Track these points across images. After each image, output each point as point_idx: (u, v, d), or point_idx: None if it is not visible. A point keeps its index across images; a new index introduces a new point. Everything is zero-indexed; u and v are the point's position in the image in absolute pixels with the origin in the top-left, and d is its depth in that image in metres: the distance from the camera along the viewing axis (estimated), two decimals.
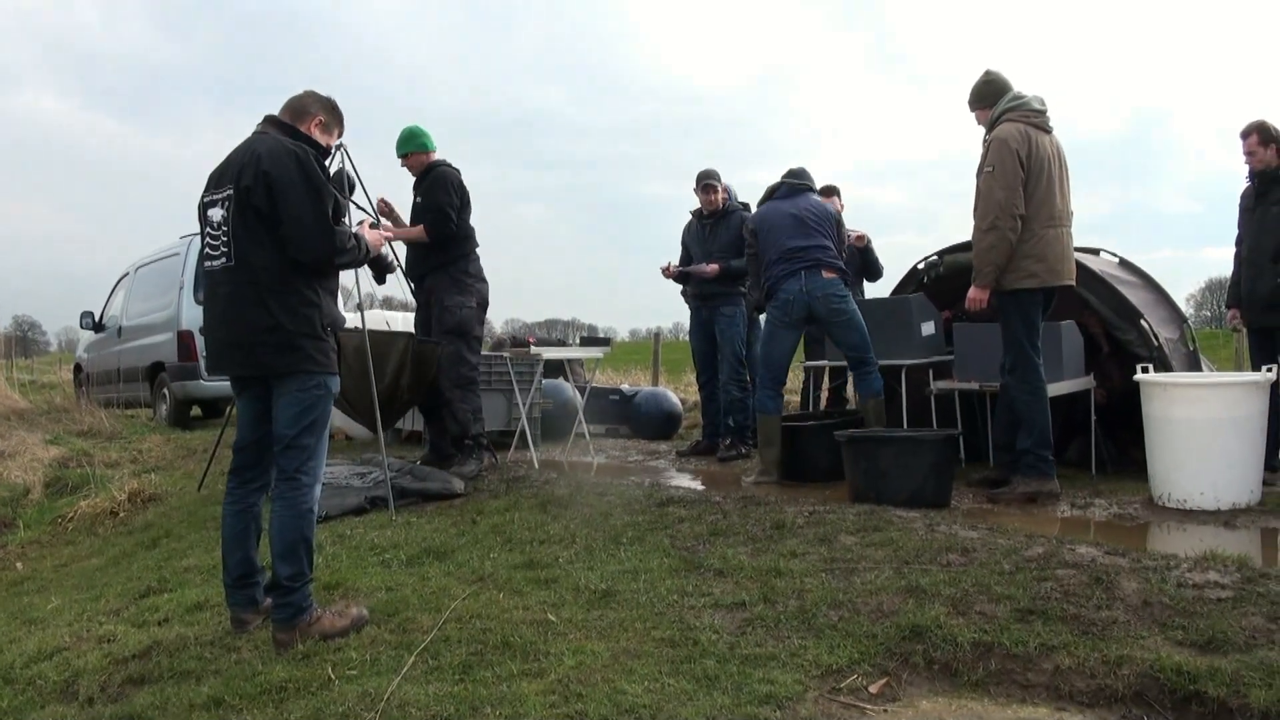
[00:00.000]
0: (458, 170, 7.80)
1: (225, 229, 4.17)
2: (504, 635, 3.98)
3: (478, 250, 7.93)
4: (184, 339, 12.35)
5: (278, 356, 4.12)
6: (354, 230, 4.47)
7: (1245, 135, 7.16)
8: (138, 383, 13.74)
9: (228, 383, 4.63)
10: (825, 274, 7.18)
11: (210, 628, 4.42)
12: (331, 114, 4.54)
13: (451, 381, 7.60)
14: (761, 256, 7.44)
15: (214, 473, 8.08)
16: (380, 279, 4.53)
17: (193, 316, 12.16)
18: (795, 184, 7.56)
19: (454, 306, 7.61)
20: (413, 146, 7.81)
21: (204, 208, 4.32)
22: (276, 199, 4.07)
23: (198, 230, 4.48)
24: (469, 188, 7.79)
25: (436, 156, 7.85)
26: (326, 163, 4.53)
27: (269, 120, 4.42)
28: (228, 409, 9.18)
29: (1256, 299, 7.15)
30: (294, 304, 4.14)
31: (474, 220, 7.82)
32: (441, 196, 7.58)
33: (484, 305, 7.91)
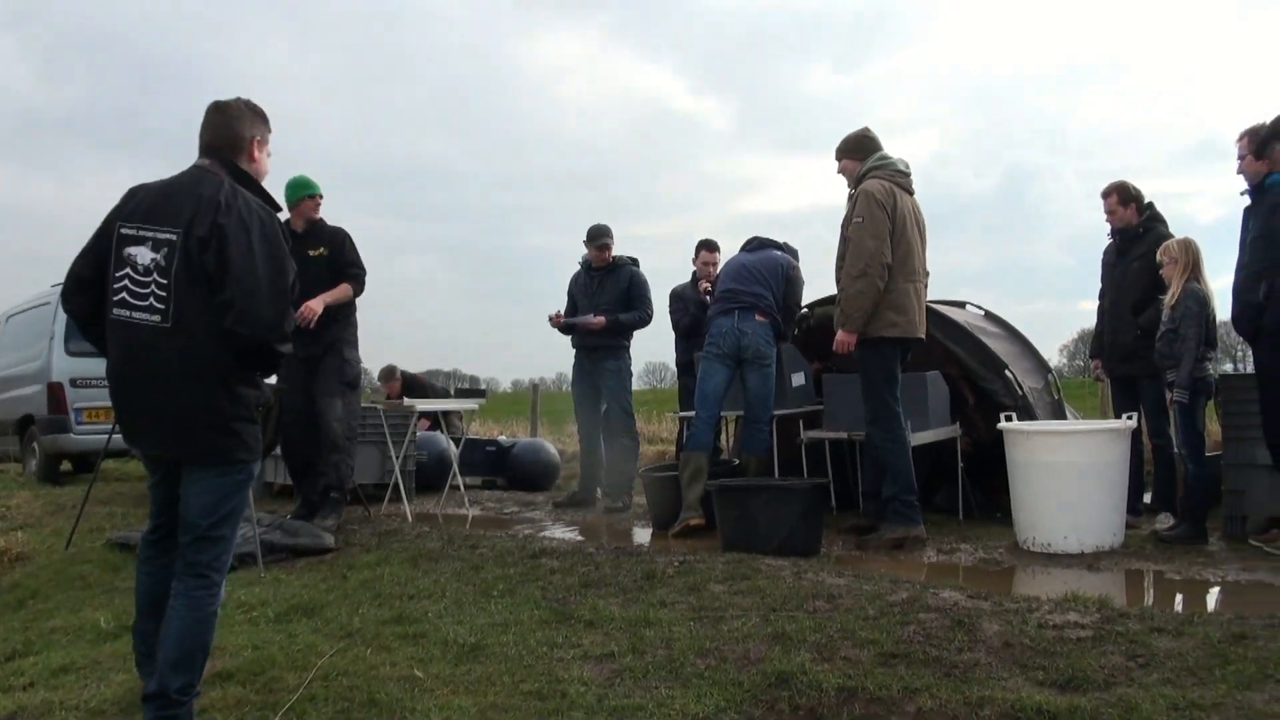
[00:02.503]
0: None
1: (163, 280, 3.48)
2: (370, 692, 3.88)
3: None
4: (54, 391, 11.95)
5: (208, 440, 3.53)
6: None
7: (1106, 195, 7.50)
8: (7, 436, 13.26)
9: (99, 437, 4.25)
10: (757, 317, 7.37)
11: (75, 691, 4.19)
12: (257, 120, 3.88)
13: (344, 433, 7.57)
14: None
15: (82, 530, 7.81)
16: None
17: (64, 368, 11.85)
18: (763, 240, 7.89)
19: (354, 360, 7.71)
20: (316, 190, 7.72)
21: (121, 239, 3.57)
22: (228, 257, 3.43)
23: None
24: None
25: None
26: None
27: (215, 157, 3.75)
28: (97, 463, 8.90)
29: (1117, 349, 7.42)
30: (234, 383, 3.55)
31: None
32: (354, 255, 7.62)
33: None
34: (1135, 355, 7.20)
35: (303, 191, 7.61)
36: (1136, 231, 7.35)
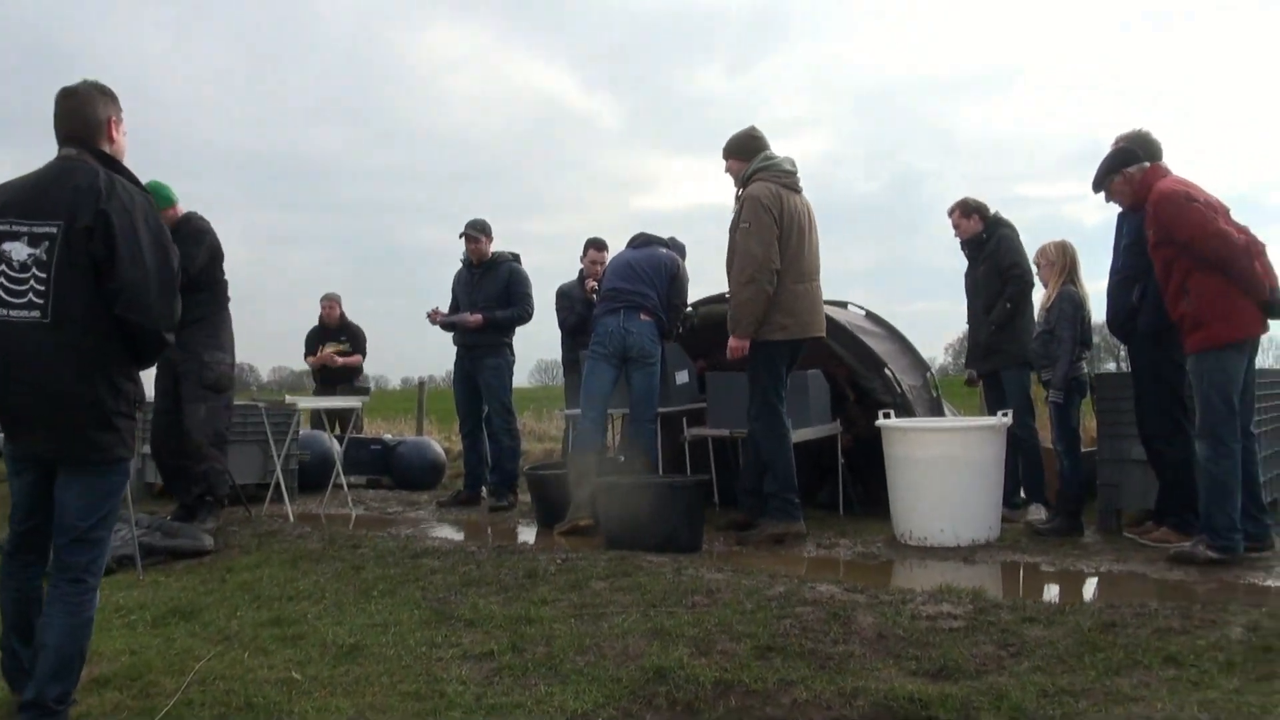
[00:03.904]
0: (208, 222, 7.53)
1: (41, 275, 3.38)
2: (248, 696, 3.81)
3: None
4: None
5: (90, 437, 3.43)
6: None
7: (950, 213, 7.79)
8: None
9: None
10: (642, 316, 7.35)
11: None
12: (109, 101, 3.73)
13: (209, 440, 7.35)
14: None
15: None
16: None
17: None
18: (648, 237, 7.86)
19: (214, 362, 7.38)
20: (163, 204, 7.42)
21: None
22: (115, 244, 3.37)
23: None
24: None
25: (183, 209, 7.51)
26: None
27: (79, 145, 3.62)
28: None
29: (977, 349, 7.66)
30: (117, 377, 3.48)
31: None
32: (186, 249, 7.29)
33: (234, 362, 7.67)
34: (992, 350, 7.46)
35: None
36: (980, 239, 7.59)
